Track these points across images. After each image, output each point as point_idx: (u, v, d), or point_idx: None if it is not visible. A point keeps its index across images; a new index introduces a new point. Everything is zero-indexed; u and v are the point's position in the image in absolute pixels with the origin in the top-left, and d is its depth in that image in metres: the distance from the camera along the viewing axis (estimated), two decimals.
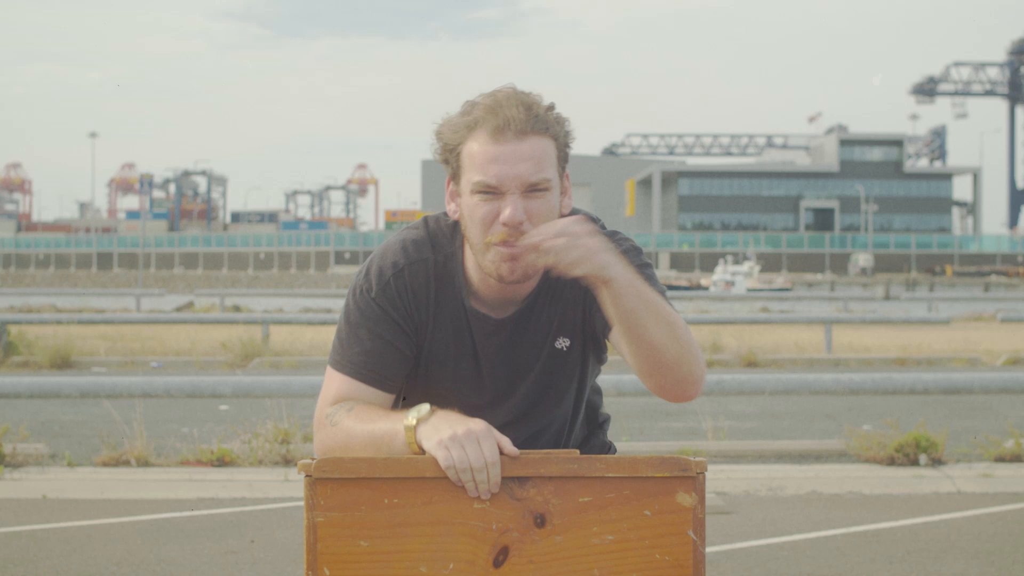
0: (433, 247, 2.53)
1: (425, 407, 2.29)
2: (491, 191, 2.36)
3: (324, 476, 2.22)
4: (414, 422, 2.27)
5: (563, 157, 2.43)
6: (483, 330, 2.54)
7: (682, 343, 2.35)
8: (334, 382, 2.49)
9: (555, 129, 2.40)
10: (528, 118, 2.36)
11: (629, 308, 2.28)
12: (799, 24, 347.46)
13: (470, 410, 2.42)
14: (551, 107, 2.41)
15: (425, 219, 2.59)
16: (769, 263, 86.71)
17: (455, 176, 2.44)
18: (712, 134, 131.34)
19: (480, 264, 2.44)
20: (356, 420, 2.38)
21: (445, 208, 2.55)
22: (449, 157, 2.43)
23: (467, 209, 2.41)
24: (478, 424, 2.23)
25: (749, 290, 58.10)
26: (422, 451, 2.25)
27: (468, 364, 2.56)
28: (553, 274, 2.37)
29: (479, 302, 2.53)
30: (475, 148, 2.37)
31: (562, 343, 2.56)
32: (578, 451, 2.31)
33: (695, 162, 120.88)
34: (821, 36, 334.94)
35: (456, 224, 2.53)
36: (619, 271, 2.27)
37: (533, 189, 2.36)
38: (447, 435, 2.21)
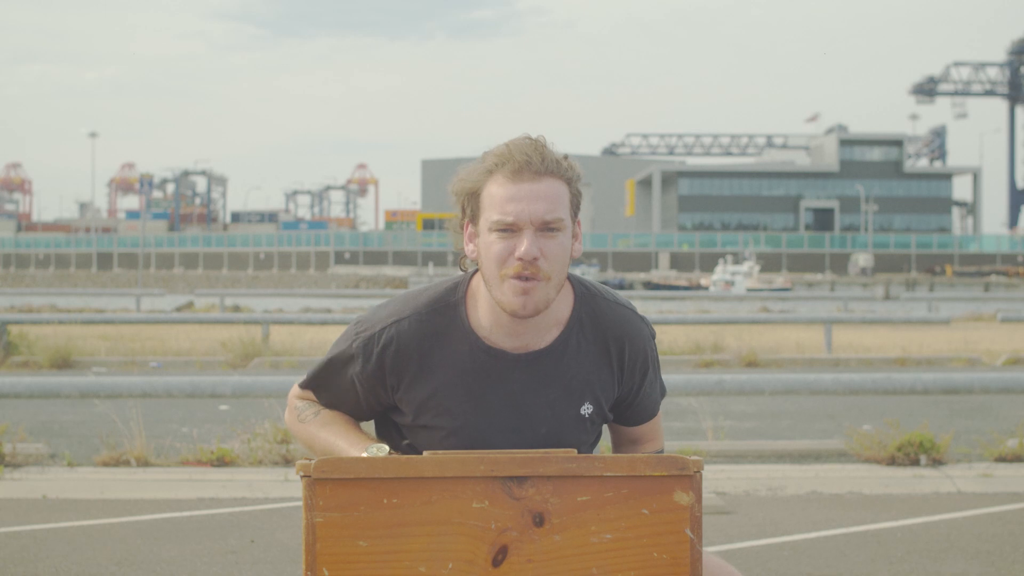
0: (435, 300, 2.63)
1: (385, 448, 2.46)
2: (508, 228, 2.49)
3: (323, 476, 2.23)
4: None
5: (575, 203, 2.58)
6: (498, 367, 2.59)
7: None
8: (308, 381, 2.76)
9: (568, 174, 2.56)
10: (544, 160, 2.51)
11: None
12: (799, 24, 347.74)
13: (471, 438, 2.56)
14: (565, 156, 2.57)
15: (427, 287, 2.70)
16: (769, 263, 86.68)
17: (473, 218, 2.57)
18: (712, 134, 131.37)
19: (495, 299, 2.54)
20: (320, 426, 2.68)
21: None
22: (468, 201, 2.57)
23: (484, 247, 2.54)
24: None
25: (749, 290, 58.11)
26: None
27: (474, 406, 2.59)
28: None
29: (496, 339, 2.60)
30: (494, 189, 2.52)
31: (586, 409, 2.64)
32: (576, 450, 2.31)
33: (695, 162, 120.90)
34: (821, 36, 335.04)
35: (458, 281, 2.65)
36: None
37: (547, 228, 2.50)
38: None
